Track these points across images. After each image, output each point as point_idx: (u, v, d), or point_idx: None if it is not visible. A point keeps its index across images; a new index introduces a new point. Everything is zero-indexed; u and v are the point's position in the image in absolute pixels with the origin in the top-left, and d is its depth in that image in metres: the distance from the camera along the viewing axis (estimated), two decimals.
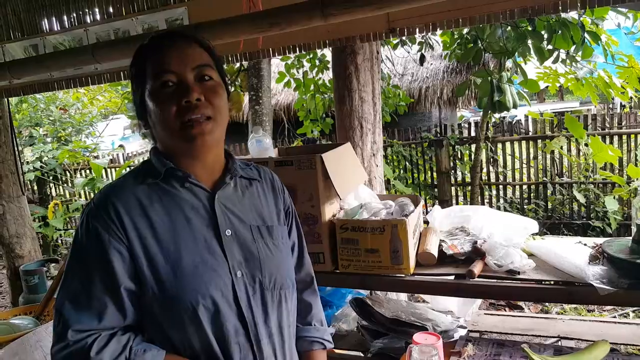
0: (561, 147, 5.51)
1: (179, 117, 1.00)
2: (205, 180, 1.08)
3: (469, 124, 6.48)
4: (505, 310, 3.81)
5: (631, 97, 5.17)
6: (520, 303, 3.91)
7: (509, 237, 1.83)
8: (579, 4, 1.79)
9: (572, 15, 3.51)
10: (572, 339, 1.99)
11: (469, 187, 6.14)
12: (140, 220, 1.00)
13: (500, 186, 6.20)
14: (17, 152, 3.56)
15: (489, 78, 3.98)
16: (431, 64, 7.94)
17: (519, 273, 1.67)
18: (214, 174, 1.10)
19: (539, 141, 5.83)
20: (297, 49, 2.23)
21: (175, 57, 1.02)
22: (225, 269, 1.04)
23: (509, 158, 6.14)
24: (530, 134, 5.94)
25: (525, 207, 5.93)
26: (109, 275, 0.98)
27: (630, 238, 1.60)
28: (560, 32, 3.37)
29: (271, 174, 1.26)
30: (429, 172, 6.46)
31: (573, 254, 1.67)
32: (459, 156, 6.28)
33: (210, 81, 1.04)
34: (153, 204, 1.02)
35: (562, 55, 4.02)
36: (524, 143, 5.99)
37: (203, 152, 1.05)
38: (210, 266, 1.02)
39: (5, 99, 3.38)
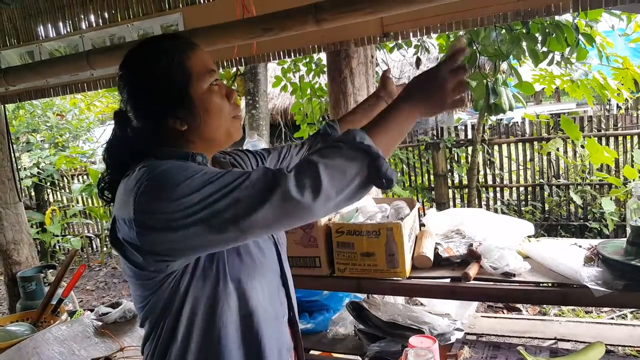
0: (557, 149, 5.52)
1: (232, 112, 1.10)
2: None
3: (466, 126, 6.49)
4: (503, 313, 3.81)
5: (626, 99, 5.18)
6: (518, 305, 3.91)
7: (505, 239, 1.83)
8: (571, 7, 1.80)
9: (567, 17, 3.53)
10: (568, 340, 1.99)
11: (466, 190, 6.15)
12: None
13: (497, 188, 6.21)
14: (13, 158, 3.56)
15: (484, 81, 3.99)
16: (427, 67, 7.91)
17: (514, 275, 1.67)
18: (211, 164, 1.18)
19: (536, 143, 5.85)
20: (292, 53, 2.24)
21: (210, 59, 1.09)
22: (272, 245, 1.16)
23: (505, 160, 6.16)
24: (527, 136, 5.95)
25: (522, 209, 5.94)
26: None
27: (625, 239, 1.61)
28: (554, 34, 3.38)
29: (231, 152, 1.34)
30: (426, 174, 6.47)
31: (568, 255, 1.67)
32: (456, 159, 6.29)
33: None
34: None
35: (557, 58, 4.03)
36: (520, 145, 6.00)
37: (232, 143, 1.15)
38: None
39: (1, 106, 3.38)
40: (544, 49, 3.57)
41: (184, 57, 1.02)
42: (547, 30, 3.36)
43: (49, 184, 7.25)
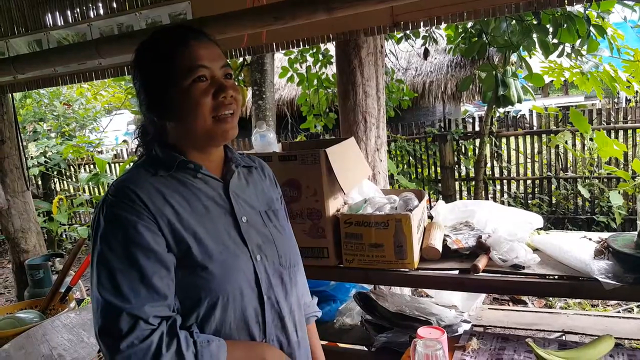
0: (566, 142, 5.48)
1: (214, 112, 1.03)
2: (212, 172, 1.11)
3: (473, 118, 6.46)
4: (509, 305, 3.81)
5: (637, 91, 5.14)
6: (524, 298, 3.91)
7: (514, 231, 1.83)
8: None
9: (578, 8, 3.49)
10: (576, 333, 1.99)
11: (473, 182, 6.13)
12: (165, 207, 1.00)
13: (505, 181, 6.18)
14: (21, 147, 3.57)
15: (494, 72, 3.96)
16: (435, 58, 7.89)
17: (523, 268, 1.66)
18: (219, 164, 1.14)
19: (544, 136, 5.81)
20: (301, 43, 2.22)
21: (206, 52, 1.04)
22: (247, 254, 1.07)
23: (513, 153, 6.12)
24: (535, 128, 5.91)
25: (529, 202, 5.92)
26: (154, 255, 0.96)
27: (636, 233, 1.60)
28: (565, 25, 3.34)
29: (261, 163, 1.30)
30: (433, 167, 6.44)
31: (578, 248, 1.66)
32: (463, 151, 6.26)
33: (232, 80, 1.08)
34: (172, 193, 1.03)
35: (568, 49, 3.99)
36: (528, 138, 5.96)
37: (221, 144, 1.11)
38: (233, 253, 1.05)
39: (10, 95, 3.39)
40: (555, 40, 3.53)
41: (169, 53, 1.03)
42: (558, 22, 3.32)
43: (55, 173, 7.28)
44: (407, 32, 5.21)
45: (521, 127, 5.96)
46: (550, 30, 3.46)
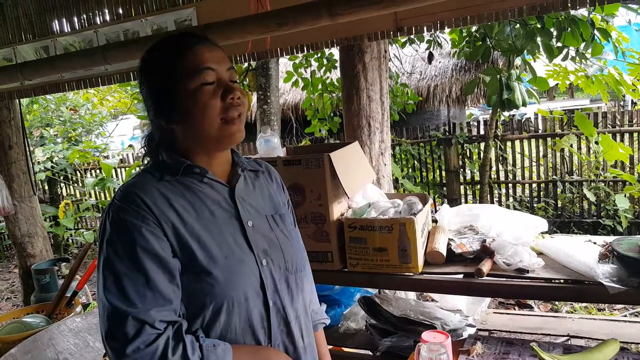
0: (571, 145, 5.46)
1: (222, 114, 1.03)
2: (219, 176, 1.11)
3: (478, 122, 6.45)
4: (515, 309, 3.79)
5: None
6: (530, 302, 3.89)
7: (518, 235, 1.83)
8: (588, 1, 1.78)
9: (582, 12, 3.49)
10: (581, 337, 1.99)
11: (478, 186, 6.11)
12: (170, 212, 1.00)
13: (510, 185, 6.16)
14: (28, 153, 3.60)
15: (498, 76, 3.96)
16: (439, 62, 7.90)
17: (528, 272, 1.66)
18: (226, 169, 1.14)
19: (549, 139, 5.79)
20: (305, 48, 2.24)
21: (211, 55, 1.05)
22: (252, 259, 1.07)
23: (518, 156, 6.11)
24: (540, 132, 5.89)
25: (534, 205, 5.89)
26: (159, 260, 0.97)
27: None
28: (569, 29, 3.35)
29: (268, 167, 1.30)
30: (438, 170, 6.43)
31: (583, 252, 1.66)
32: (468, 155, 6.25)
33: (237, 84, 1.08)
34: (178, 198, 1.03)
35: (572, 53, 3.98)
36: (533, 141, 5.95)
37: (228, 148, 1.11)
38: (239, 258, 1.05)
39: (17, 100, 3.42)
40: (559, 44, 3.53)
41: (175, 57, 1.03)
42: (562, 25, 3.32)
43: (62, 177, 7.32)
44: (411, 36, 5.22)
45: (526, 131, 5.95)
46: (555, 33, 3.46)
